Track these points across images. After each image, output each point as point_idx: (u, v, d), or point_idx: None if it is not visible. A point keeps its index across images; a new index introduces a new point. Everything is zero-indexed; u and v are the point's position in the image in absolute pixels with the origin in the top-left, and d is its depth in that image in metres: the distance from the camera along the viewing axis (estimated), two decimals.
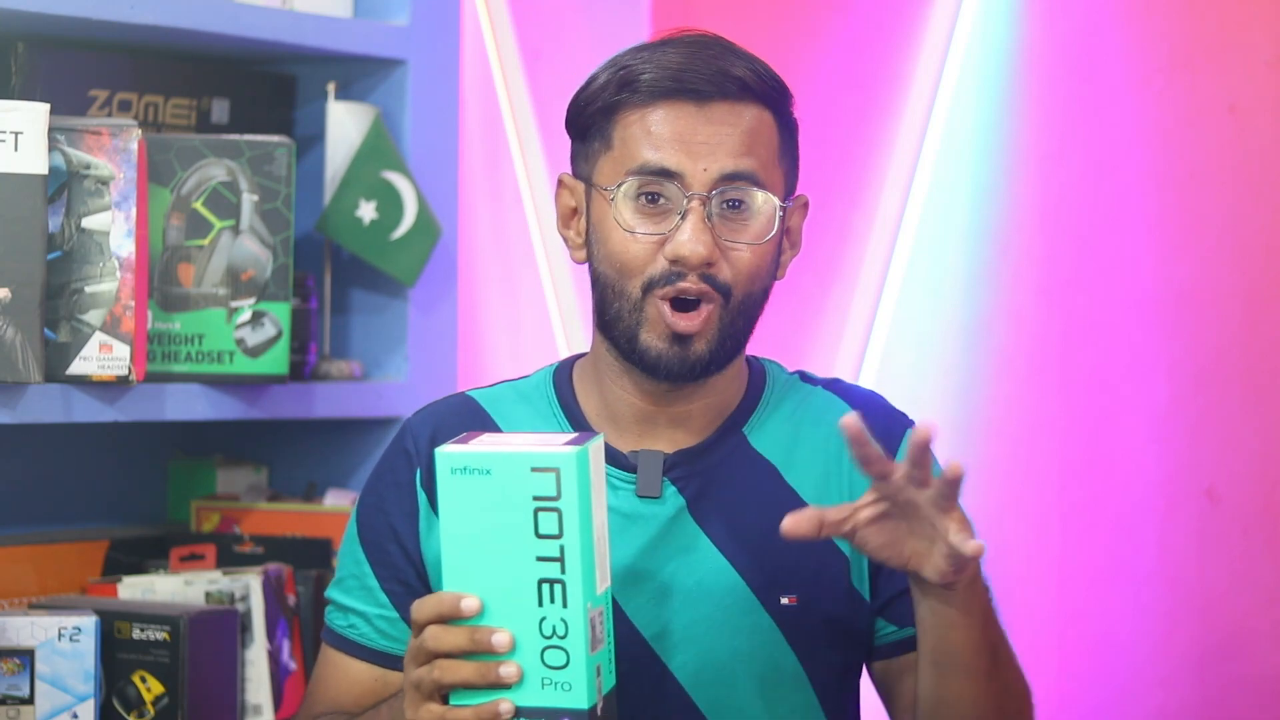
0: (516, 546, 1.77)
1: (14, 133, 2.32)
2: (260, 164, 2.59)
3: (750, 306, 2.00)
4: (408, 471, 2.07)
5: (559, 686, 1.78)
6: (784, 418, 2.07)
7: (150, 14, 2.52)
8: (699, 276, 1.96)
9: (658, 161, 1.96)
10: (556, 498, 1.75)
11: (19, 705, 2.34)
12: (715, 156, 1.96)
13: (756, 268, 1.99)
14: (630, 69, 1.99)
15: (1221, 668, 3.05)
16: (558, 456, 1.75)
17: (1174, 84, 3.10)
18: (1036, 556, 3.22)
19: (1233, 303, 3.05)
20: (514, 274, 3.49)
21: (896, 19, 3.40)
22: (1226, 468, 3.05)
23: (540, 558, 1.76)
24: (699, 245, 1.94)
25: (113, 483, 2.87)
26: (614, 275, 1.99)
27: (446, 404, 2.13)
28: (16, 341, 2.32)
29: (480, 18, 3.41)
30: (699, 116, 1.97)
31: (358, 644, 2.07)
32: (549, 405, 2.08)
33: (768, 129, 1.99)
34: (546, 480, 1.75)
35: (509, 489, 1.76)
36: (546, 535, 1.76)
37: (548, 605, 1.77)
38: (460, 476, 1.77)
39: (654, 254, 1.97)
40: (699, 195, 1.95)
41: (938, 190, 3.35)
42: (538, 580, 1.77)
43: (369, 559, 2.08)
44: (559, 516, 1.76)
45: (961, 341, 3.31)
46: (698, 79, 1.96)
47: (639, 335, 1.98)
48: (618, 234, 1.98)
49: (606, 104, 1.99)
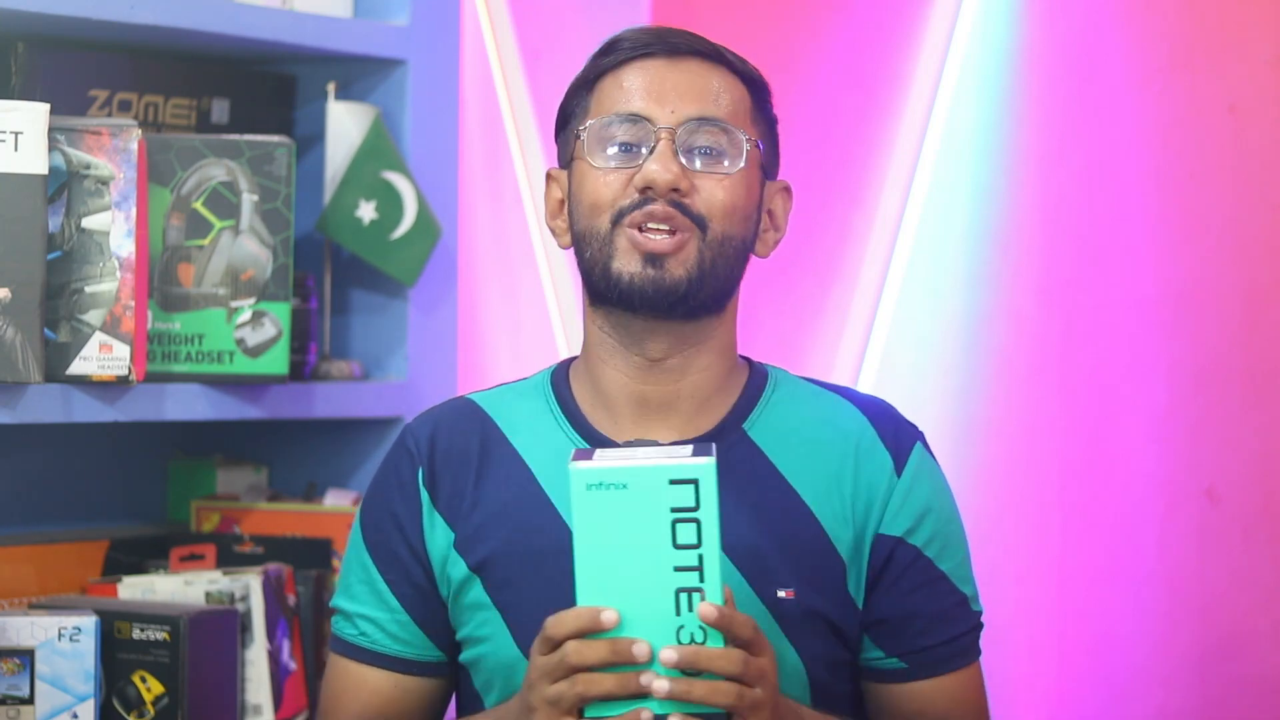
0: (654, 558, 1.78)
1: (14, 133, 2.32)
2: (260, 164, 2.59)
3: (729, 248, 2.00)
4: (410, 471, 2.07)
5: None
6: (786, 416, 2.06)
7: (150, 14, 2.52)
8: (668, 204, 1.97)
9: (627, 108, 1.99)
10: (695, 508, 1.77)
11: (19, 705, 2.34)
12: (684, 101, 1.99)
13: (731, 201, 1.99)
14: (608, 41, 2.04)
15: (1221, 668, 3.05)
16: (696, 468, 1.77)
17: (1174, 84, 3.10)
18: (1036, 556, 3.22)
19: (1233, 303, 3.05)
20: (514, 274, 3.49)
21: (896, 19, 3.40)
22: (1226, 468, 3.05)
23: (678, 567, 1.78)
24: (665, 171, 1.96)
25: (113, 483, 2.87)
26: (586, 220, 2.00)
27: (446, 406, 2.13)
28: (16, 341, 2.32)
29: (480, 18, 3.41)
30: (669, 67, 2.00)
31: (372, 651, 2.07)
32: (546, 402, 2.08)
33: (739, 92, 2.03)
34: (685, 491, 1.77)
35: (646, 502, 1.77)
36: (684, 545, 1.78)
37: (685, 614, 1.79)
38: (596, 492, 1.78)
39: (623, 187, 1.98)
40: (666, 128, 1.98)
41: (938, 190, 3.35)
42: (675, 590, 1.78)
43: (377, 564, 2.07)
44: (697, 527, 1.77)
45: (961, 341, 3.31)
46: (673, 35, 2.02)
47: (611, 266, 1.99)
48: (591, 175, 2.00)
49: (586, 77, 2.04)
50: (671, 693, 1.79)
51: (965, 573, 2.07)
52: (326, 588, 2.72)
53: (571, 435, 2.04)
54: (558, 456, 2.02)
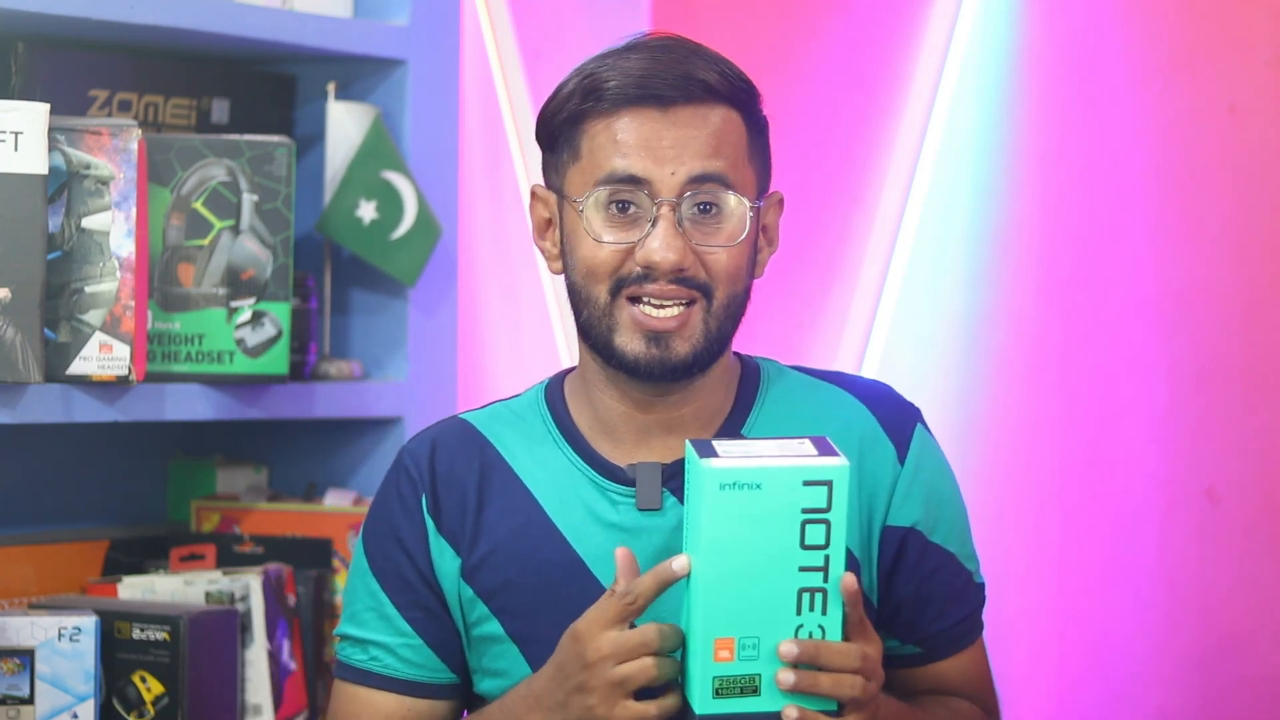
0: (780, 557, 1.77)
1: (14, 133, 2.32)
2: (260, 164, 2.59)
3: (733, 307, 1.99)
4: (414, 496, 2.05)
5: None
6: (784, 415, 2.05)
7: (150, 14, 2.52)
8: (670, 281, 1.95)
9: (625, 169, 1.95)
10: (827, 510, 1.77)
11: (19, 705, 2.34)
12: (682, 160, 1.94)
13: (734, 269, 1.97)
14: (594, 77, 1.97)
15: (1221, 668, 3.05)
16: (831, 469, 1.77)
17: (1174, 84, 3.10)
18: (1036, 556, 3.22)
19: (1233, 303, 3.05)
20: (514, 274, 3.49)
21: (896, 19, 3.40)
22: (1226, 468, 3.05)
23: (803, 568, 1.78)
24: (670, 251, 1.93)
25: (113, 483, 2.87)
26: (582, 283, 1.98)
27: (440, 427, 2.11)
28: (16, 341, 2.32)
29: (480, 18, 3.41)
30: (664, 121, 1.95)
31: (383, 676, 2.04)
32: (543, 423, 2.06)
33: (735, 129, 1.98)
34: (818, 493, 1.77)
35: (779, 502, 1.77)
36: (812, 546, 1.77)
37: (806, 613, 1.78)
38: (729, 491, 1.77)
39: (624, 260, 1.96)
40: (668, 201, 1.94)
41: (938, 190, 3.35)
42: (798, 589, 1.78)
43: (386, 589, 2.05)
44: (827, 528, 1.77)
45: (961, 341, 3.31)
46: (661, 84, 1.95)
47: (613, 340, 1.97)
48: (587, 243, 1.96)
49: (572, 114, 1.98)
50: (797, 685, 1.78)
51: (969, 549, 2.08)
52: (326, 588, 2.72)
53: (575, 460, 2.02)
54: (562, 483, 2.01)
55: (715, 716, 1.79)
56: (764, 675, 1.79)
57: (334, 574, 2.73)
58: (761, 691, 1.78)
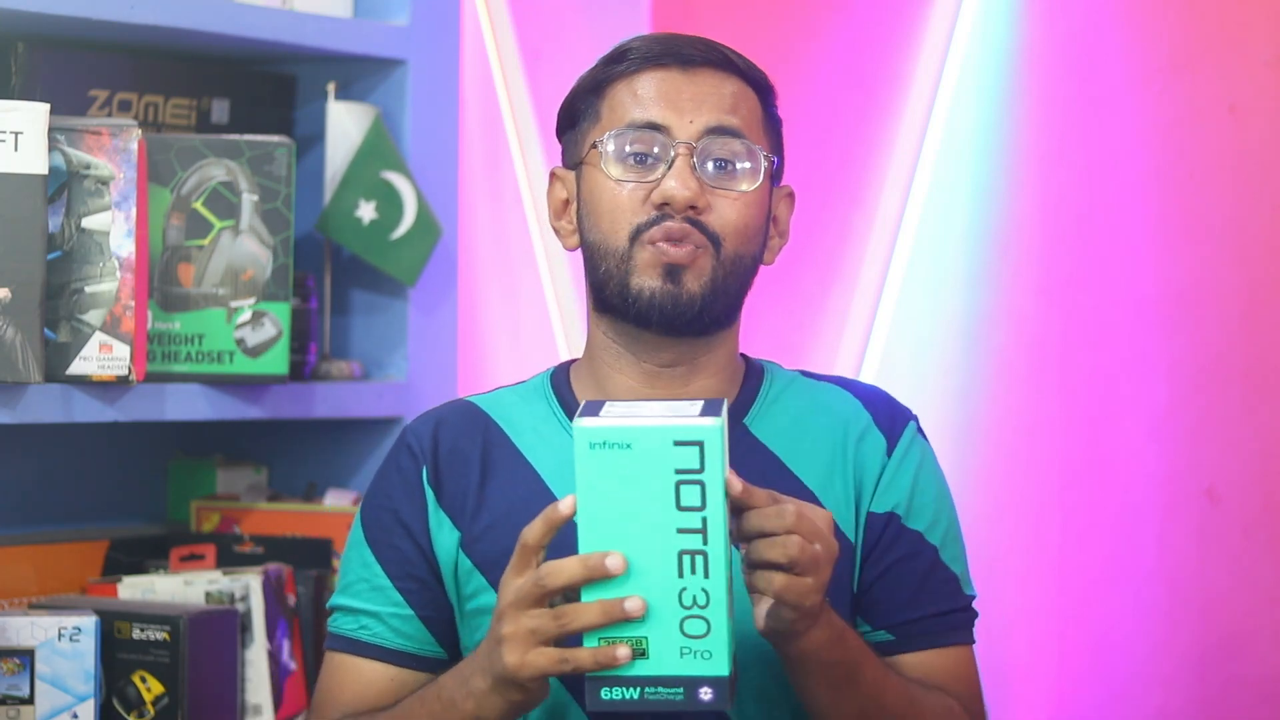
0: (657, 519, 1.75)
1: (14, 133, 2.32)
2: (260, 164, 2.59)
3: (740, 266, 2.01)
4: (414, 469, 2.07)
5: (699, 655, 1.77)
6: (786, 408, 2.07)
7: (150, 14, 2.52)
8: (685, 219, 1.97)
9: (644, 117, 2.00)
10: (700, 470, 1.74)
11: (19, 705, 2.34)
12: (701, 111, 1.99)
13: (745, 221, 2.00)
14: (618, 47, 2.04)
15: (1221, 668, 3.05)
16: (702, 429, 1.73)
17: (1174, 84, 3.10)
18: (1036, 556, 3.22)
19: (1233, 303, 3.05)
20: (514, 274, 3.49)
21: (896, 19, 3.40)
22: (1226, 468, 3.05)
23: (681, 529, 1.75)
24: (685, 188, 1.97)
25: (113, 483, 2.87)
26: (601, 233, 2.01)
27: (446, 407, 2.13)
28: (16, 341, 2.32)
29: (480, 18, 3.41)
30: (684, 78, 2.01)
31: (371, 644, 2.05)
32: (547, 404, 2.08)
33: (751, 100, 2.03)
34: (690, 453, 1.74)
35: (650, 462, 1.74)
36: (688, 508, 1.74)
37: (688, 576, 1.75)
38: (599, 451, 1.74)
39: (641, 202, 1.99)
40: (686, 143, 1.98)
41: (938, 190, 3.35)
42: (679, 552, 1.75)
43: (379, 559, 2.06)
44: (702, 489, 1.74)
45: (961, 341, 3.31)
46: (684, 45, 2.02)
47: (630, 282, 1.99)
48: (607, 187, 2.00)
49: (595, 81, 2.04)
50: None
51: (955, 552, 2.06)
52: (326, 588, 2.72)
53: None
54: (565, 459, 2.01)
55: (604, 678, 1.77)
56: (650, 638, 1.77)
57: (334, 574, 2.73)
58: (650, 654, 1.77)
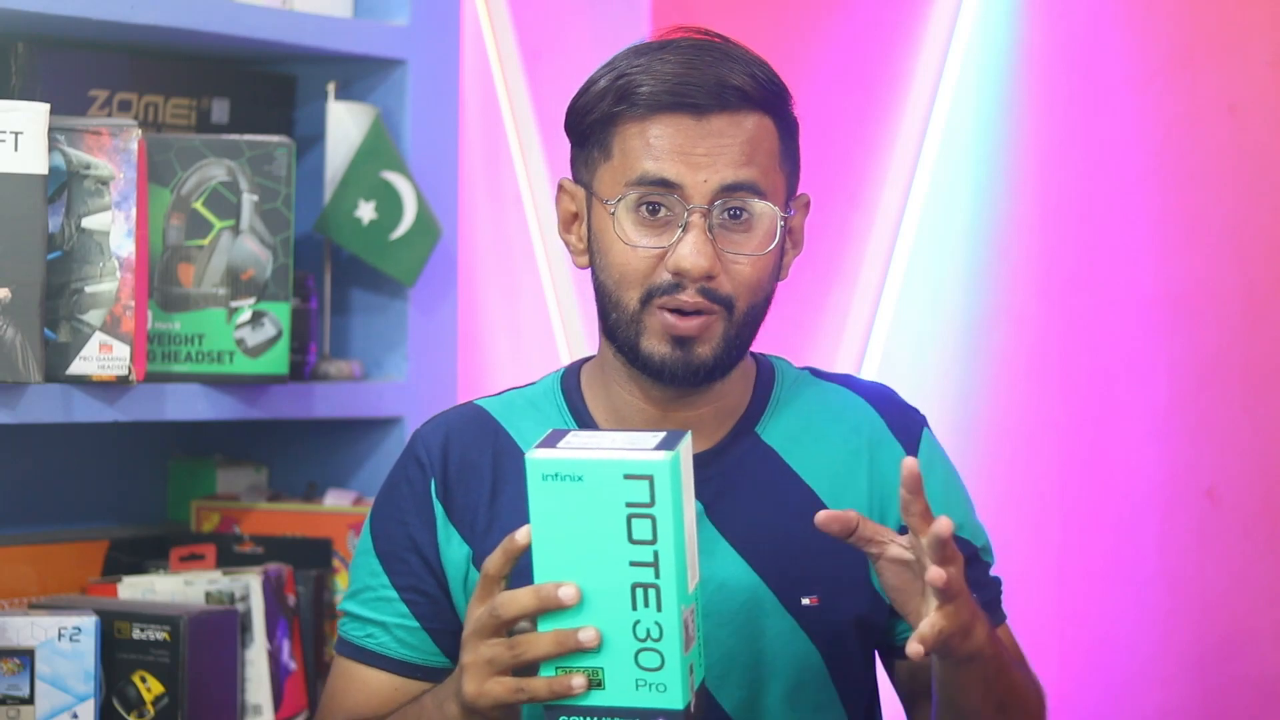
0: (609, 552, 1.75)
1: (14, 133, 2.32)
2: (260, 164, 2.59)
3: (753, 316, 2.00)
4: (423, 482, 2.06)
5: (654, 688, 1.77)
6: (796, 414, 2.07)
7: (150, 14, 2.52)
8: (698, 290, 1.95)
9: (657, 172, 1.95)
10: (650, 504, 1.73)
11: (19, 705, 2.34)
12: (715, 168, 1.95)
13: (758, 279, 1.98)
14: (629, 79, 1.97)
15: (1221, 668, 3.05)
16: (651, 464, 1.73)
17: (1174, 84, 3.10)
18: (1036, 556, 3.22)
19: (1233, 303, 3.05)
20: (514, 274, 3.49)
21: (896, 19, 3.40)
22: (1226, 468, 3.05)
23: (634, 562, 1.75)
24: (700, 258, 1.94)
25: (113, 483, 2.87)
26: (613, 286, 1.99)
27: (455, 412, 2.12)
28: (16, 341, 2.32)
29: (480, 18, 3.41)
30: (698, 129, 1.95)
31: (376, 654, 2.06)
32: (558, 411, 2.07)
33: (768, 135, 1.99)
34: (640, 487, 1.73)
35: (601, 495, 1.74)
36: (640, 541, 1.74)
37: (641, 609, 1.75)
38: (551, 482, 1.74)
39: (655, 266, 1.96)
40: (700, 208, 1.95)
41: (938, 190, 3.35)
42: (631, 585, 1.75)
43: (386, 570, 2.06)
44: (653, 523, 1.74)
45: (961, 341, 3.31)
46: (696, 91, 1.95)
47: (639, 344, 1.98)
48: (619, 246, 1.97)
49: (605, 114, 1.98)
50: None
51: (983, 541, 2.09)
52: (326, 588, 2.72)
53: None
54: None
55: (562, 707, 1.78)
56: (606, 669, 1.77)
57: (334, 574, 2.73)
58: (606, 685, 1.77)
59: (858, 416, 2.07)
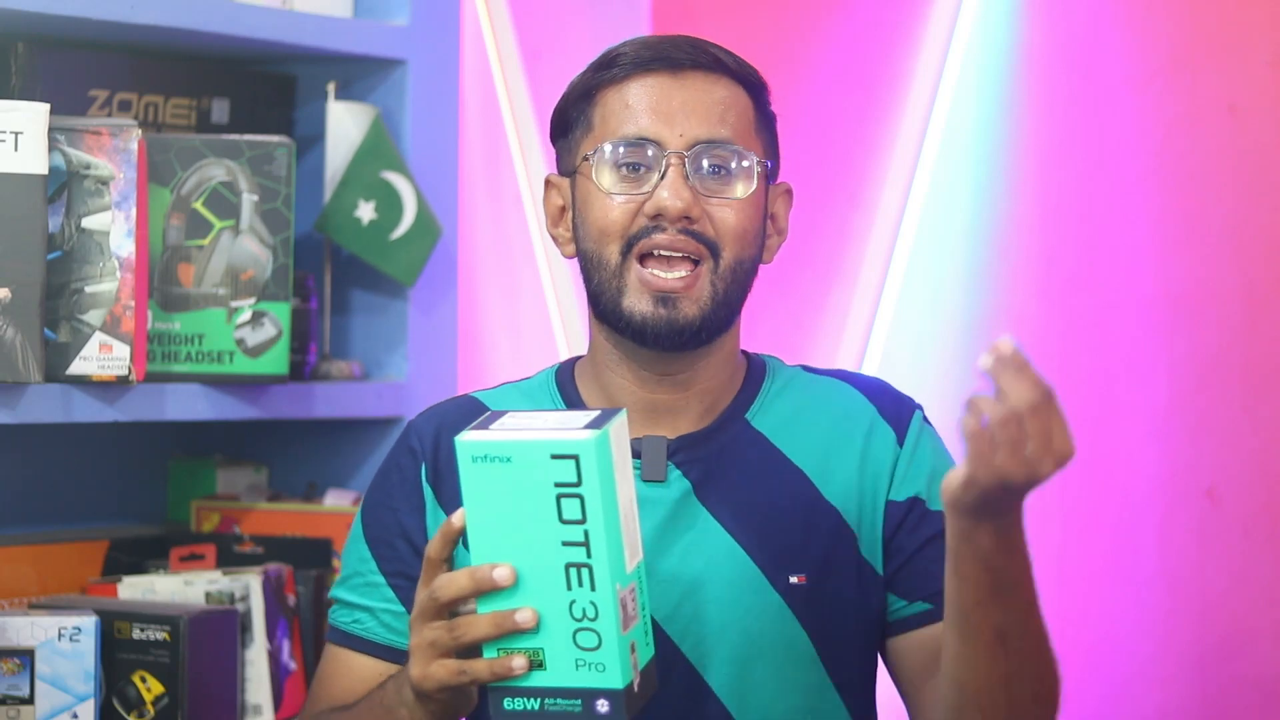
0: (541, 532, 1.75)
1: (14, 133, 2.32)
2: (260, 164, 2.59)
3: (740, 273, 2.01)
4: (413, 468, 2.08)
5: (593, 667, 1.77)
6: (787, 402, 2.08)
7: (150, 14, 2.52)
8: (679, 231, 1.98)
9: (635, 131, 1.99)
10: (578, 484, 1.74)
11: (19, 705, 2.34)
12: (690, 123, 1.99)
13: (742, 227, 2.00)
14: (608, 52, 2.04)
15: (1221, 668, 3.05)
16: (577, 443, 1.73)
17: (1174, 84, 3.10)
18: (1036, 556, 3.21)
19: (1233, 303, 3.05)
20: (514, 274, 3.49)
21: (896, 19, 3.40)
22: (1226, 468, 3.05)
23: (566, 542, 1.75)
24: (678, 198, 1.97)
25: (113, 483, 2.87)
26: (594, 244, 2.01)
27: (450, 403, 2.14)
28: (16, 341, 2.32)
29: (480, 18, 3.41)
30: (674, 84, 2.00)
31: (363, 639, 2.07)
32: (552, 402, 2.09)
33: (742, 103, 2.03)
34: (567, 467, 1.73)
35: (530, 476, 1.74)
36: (570, 520, 1.75)
37: (576, 589, 1.76)
38: (481, 464, 1.75)
39: (633, 215, 1.99)
40: (677, 153, 1.98)
41: (938, 190, 3.35)
42: (565, 564, 1.75)
43: (374, 555, 2.08)
44: (581, 502, 1.74)
45: (961, 341, 3.31)
46: (672, 48, 2.01)
47: (622, 302, 1.99)
48: (599, 200, 2.00)
49: (586, 87, 2.03)
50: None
51: None
52: (326, 588, 2.72)
53: None
54: None
55: (506, 689, 1.79)
56: (546, 650, 1.77)
57: (334, 574, 2.73)
58: (547, 666, 1.77)
59: (849, 404, 2.08)
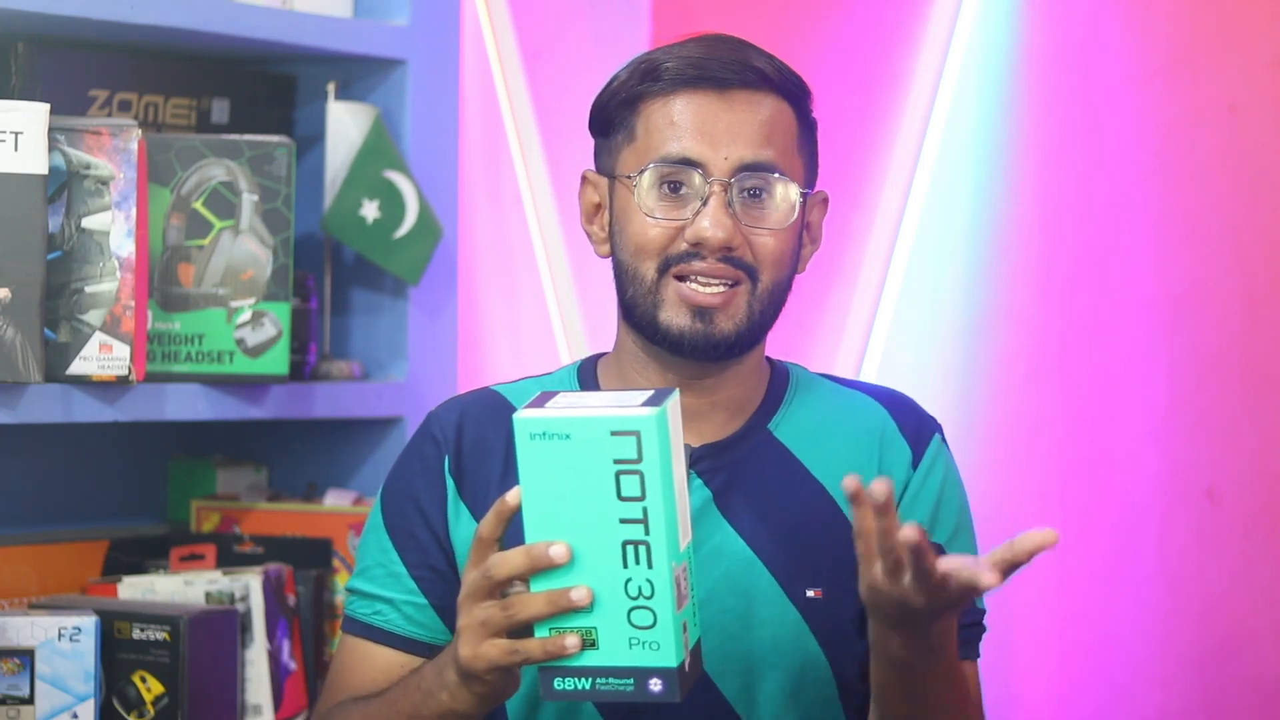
0: (599, 510, 1.74)
1: (14, 133, 2.32)
2: (260, 164, 2.59)
3: (776, 294, 2.03)
4: (436, 458, 2.07)
5: (647, 646, 1.77)
6: (809, 413, 2.08)
7: (150, 14, 2.52)
8: (718, 259, 1.98)
9: (680, 151, 1.99)
10: (638, 460, 1.73)
11: (19, 705, 2.34)
12: (736, 145, 1.99)
13: (780, 253, 2.01)
14: (652, 60, 2.03)
15: (1221, 668, 3.05)
16: (637, 419, 1.72)
17: (1174, 84, 3.10)
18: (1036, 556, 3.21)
19: (1233, 303, 3.05)
20: (514, 274, 3.49)
21: (896, 19, 3.40)
22: (1226, 468, 3.05)
23: (624, 520, 1.74)
24: (719, 229, 1.97)
25: (113, 483, 2.87)
26: (630, 258, 2.01)
27: (470, 395, 2.14)
28: (16, 341, 2.32)
29: (480, 18, 3.41)
30: (720, 104, 2.00)
31: (384, 630, 2.06)
32: None
33: (786, 119, 2.04)
34: (627, 443, 1.73)
35: (589, 453, 1.73)
36: (629, 498, 1.74)
37: (633, 566, 1.75)
38: (539, 441, 1.74)
39: (673, 238, 1.99)
40: (720, 181, 1.98)
41: (938, 190, 3.35)
42: (622, 542, 1.75)
43: (396, 546, 2.07)
44: (641, 479, 1.73)
45: (961, 341, 3.31)
46: (719, 67, 2.00)
47: (658, 316, 2.00)
48: (638, 218, 2.00)
49: (629, 95, 2.03)
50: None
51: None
52: (326, 588, 2.72)
53: None
54: None
55: (557, 669, 1.78)
56: (599, 629, 1.77)
57: (334, 574, 2.73)
58: (600, 645, 1.77)
59: (870, 418, 2.08)
